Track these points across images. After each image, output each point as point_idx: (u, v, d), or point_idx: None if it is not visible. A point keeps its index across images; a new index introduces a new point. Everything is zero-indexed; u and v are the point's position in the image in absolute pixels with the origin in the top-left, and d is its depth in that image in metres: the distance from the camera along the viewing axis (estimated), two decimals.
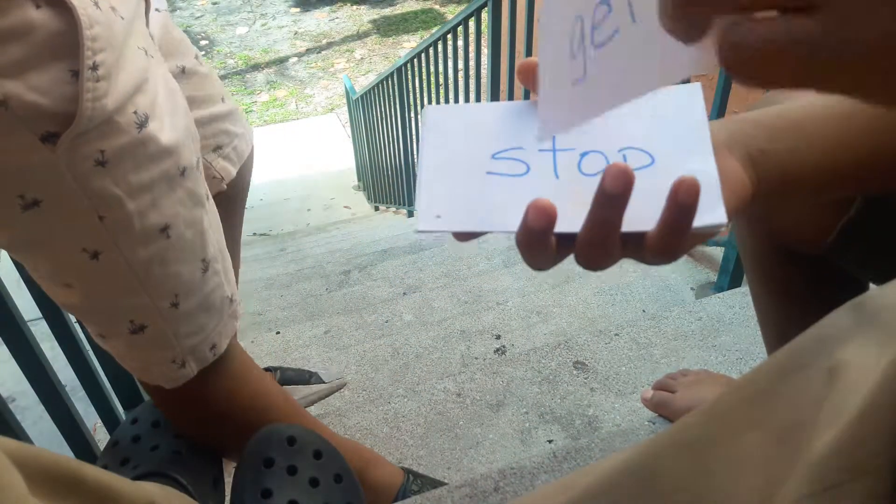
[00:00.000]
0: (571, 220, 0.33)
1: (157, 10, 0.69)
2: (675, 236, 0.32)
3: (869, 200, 0.45)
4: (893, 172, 0.40)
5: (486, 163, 0.37)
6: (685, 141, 0.36)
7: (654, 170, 0.35)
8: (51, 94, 0.47)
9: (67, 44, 0.47)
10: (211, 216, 0.65)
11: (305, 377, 1.13)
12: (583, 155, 0.36)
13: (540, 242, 0.33)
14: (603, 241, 0.33)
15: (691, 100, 0.37)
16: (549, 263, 0.35)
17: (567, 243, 0.34)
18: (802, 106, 0.41)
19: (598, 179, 0.31)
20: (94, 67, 0.48)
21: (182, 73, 0.78)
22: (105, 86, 0.49)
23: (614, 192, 0.30)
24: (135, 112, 0.52)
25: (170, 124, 0.57)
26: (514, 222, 0.34)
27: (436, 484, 0.95)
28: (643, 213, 0.33)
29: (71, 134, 0.48)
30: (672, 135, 0.36)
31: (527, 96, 2.07)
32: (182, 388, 0.67)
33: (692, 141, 0.35)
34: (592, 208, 0.32)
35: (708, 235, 0.34)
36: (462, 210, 0.36)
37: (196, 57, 0.82)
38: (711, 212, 0.33)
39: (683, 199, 0.30)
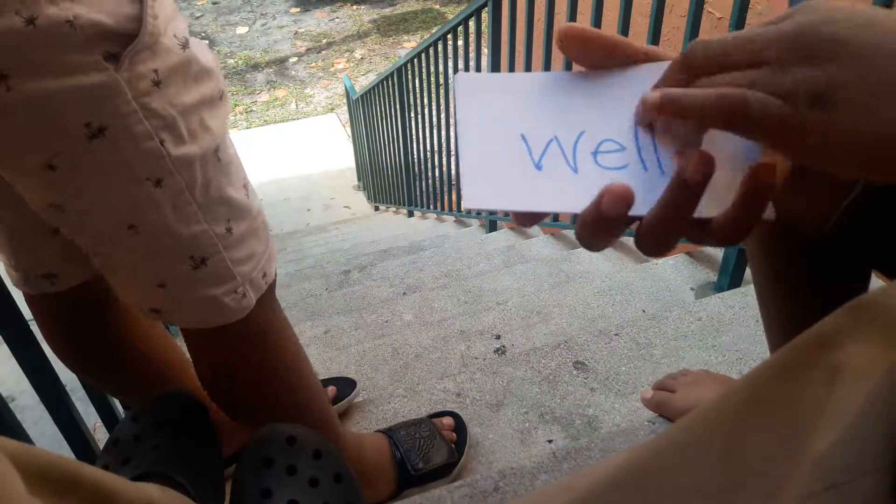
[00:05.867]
0: (638, 203, 0.32)
1: None
2: (749, 218, 0.31)
3: (870, 183, 0.45)
4: None
5: (534, 138, 0.36)
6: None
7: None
8: (114, 14, 0.49)
9: None
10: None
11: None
12: (603, 141, 0.35)
13: (609, 227, 0.32)
14: (672, 227, 0.32)
15: None
16: (608, 245, 0.34)
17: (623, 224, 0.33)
18: None
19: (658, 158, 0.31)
20: None
21: None
22: (159, 6, 0.52)
23: (696, 180, 0.30)
24: (174, 35, 0.55)
25: (201, 52, 0.60)
26: (576, 202, 0.33)
27: (413, 423, 1.01)
28: (707, 199, 0.32)
29: (130, 52, 0.51)
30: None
31: None
32: (239, 323, 0.70)
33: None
34: (667, 194, 0.31)
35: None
36: (514, 188, 0.35)
37: None
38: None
39: (766, 180, 0.30)
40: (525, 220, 0.35)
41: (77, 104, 0.51)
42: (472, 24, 2.27)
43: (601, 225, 0.32)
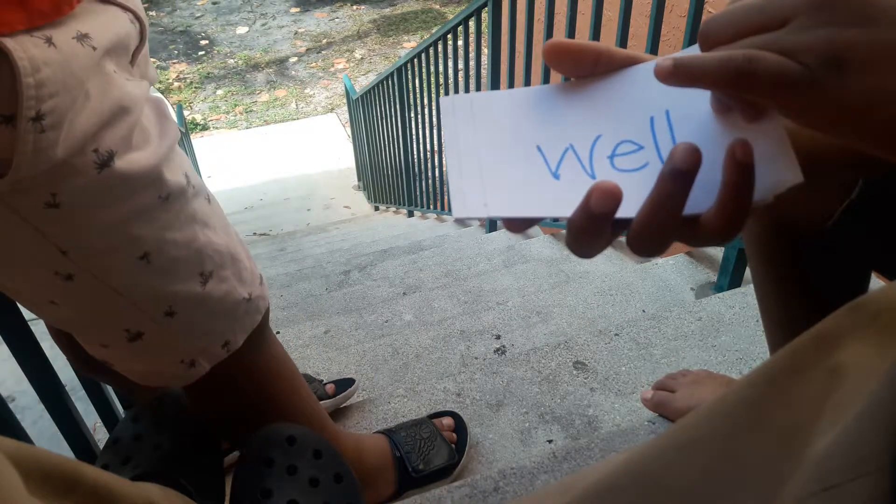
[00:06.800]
0: (627, 205, 0.32)
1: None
2: (737, 205, 0.30)
3: (870, 183, 0.45)
4: None
5: (520, 149, 0.37)
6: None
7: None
8: None
9: (1, 91, 0.43)
10: (214, 223, 0.63)
11: (322, 392, 1.13)
12: (619, 143, 0.36)
13: (598, 228, 0.32)
14: (664, 223, 0.31)
15: None
16: (600, 249, 0.34)
17: (614, 229, 0.33)
18: None
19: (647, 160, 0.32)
20: (39, 118, 0.44)
21: None
22: (53, 135, 0.45)
23: (684, 168, 0.30)
24: (95, 151, 0.48)
25: (153, 148, 0.54)
26: (565, 207, 0.33)
27: (414, 424, 1.00)
28: (697, 194, 0.32)
29: (10, 180, 0.45)
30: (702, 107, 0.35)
31: None
32: (219, 369, 0.66)
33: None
34: (657, 187, 0.31)
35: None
36: (531, 198, 0.35)
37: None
38: (783, 171, 0.31)
39: (741, 158, 0.30)
40: (518, 227, 0.35)
41: None
42: (472, 24, 2.27)
43: (591, 224, 0.32)
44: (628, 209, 0.32)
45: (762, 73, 0.28)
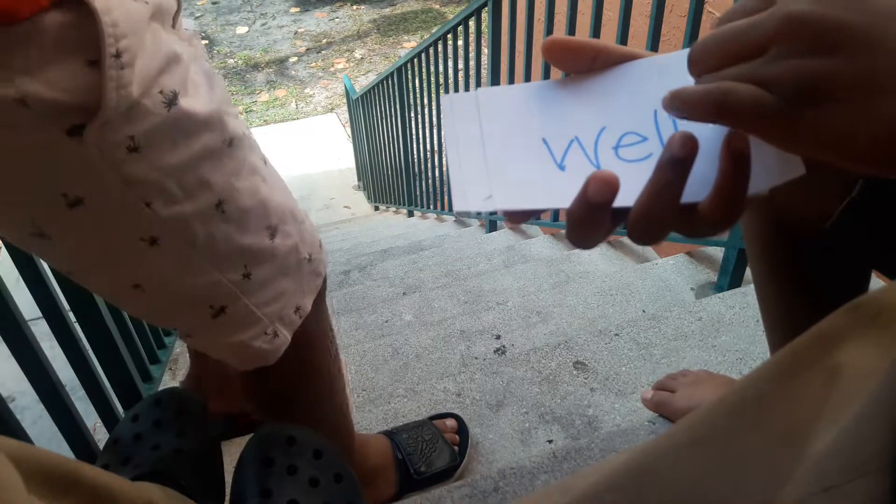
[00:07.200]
0: (631, 194, 0.33)
1: (185, 29, 0.66)
2: (734, 193, 0.31)
3: (870, 183, 0.45)
4: None
5: (525, 141, 0.37)
6: None
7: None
8: (69, 88, 0.46)
9: (82, 35, 0.46)
10: (272, 181, 0.64)
11: None
12: (624, 135, 0.36)
13: (597, 217, 0.32)
14: (662, 211, 0.32)
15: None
16: (599, 240, 0.34)
17: (614, 219, 0.34)
18: None
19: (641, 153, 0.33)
20: (118, 55, 0.46)
21: None
22: (129, 73, 0.47)
23: (681, 156, 0.30)
24: (160, 91, 0.50)
25: (207, 98, 0.55)
26: (571, 198, 0.33)
27: (416, 426, 1.01)
28: (696, 183, 0.32)
29: (96, 124, 0.47)
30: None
31: None
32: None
33: None
34: (655, 175, 0.31)
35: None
36: (537, 190, 0.36)
37: None
38: (785, 164, 0.32)
39: (737, 146, 0.30)
40: (518, 218, 0.36)
41: (47, 177, 0.49)
42: (471, 23, 2.27)
43: (589, 214, 0.32)
44: (632, 198, 0.33)
45: (737, 105, 0.29)
